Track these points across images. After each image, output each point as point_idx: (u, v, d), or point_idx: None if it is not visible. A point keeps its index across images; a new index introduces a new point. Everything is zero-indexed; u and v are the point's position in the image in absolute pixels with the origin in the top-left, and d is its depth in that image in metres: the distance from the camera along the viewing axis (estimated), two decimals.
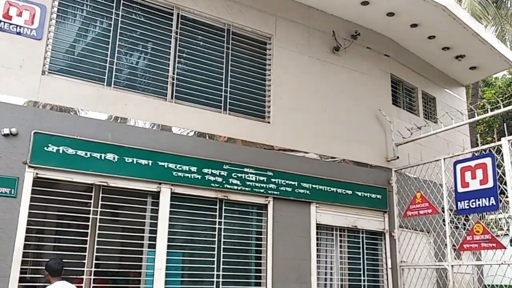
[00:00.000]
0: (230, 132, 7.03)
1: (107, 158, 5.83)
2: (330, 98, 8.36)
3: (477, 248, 7.01)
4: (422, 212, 7.90)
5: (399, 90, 10.07)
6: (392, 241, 8.33)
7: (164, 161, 6.23)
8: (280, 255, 6.94)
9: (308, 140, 7.82)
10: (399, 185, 8.60)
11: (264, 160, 7.15)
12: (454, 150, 8.36)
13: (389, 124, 8.92)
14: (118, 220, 5.93)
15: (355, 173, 8.19)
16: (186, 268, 6.42)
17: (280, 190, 7.16)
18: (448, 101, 11.10)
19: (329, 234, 7.81)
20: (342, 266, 7.81)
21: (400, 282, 8.13)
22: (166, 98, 6.65)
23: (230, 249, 6.64)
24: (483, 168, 6.99)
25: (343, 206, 7.85)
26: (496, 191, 6.75)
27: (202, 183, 6.47)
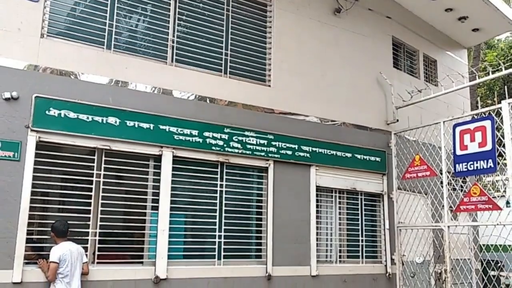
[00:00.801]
0: (231, 96, 7.03)
1: (109, 122, 5.87)
2: (331, 61, 8.31)
3: (473, 209, 7.14)
4: (421, 175, 8.00)
5: (400, 52, 9.99)
6: (390, 203, 8.48)
7: (165, 124, 6.27)
8: (280, 216, 7.08)
9: (308, 103, 7.83)
10: (398, 148, 8.68)
11: (264, 124, 7.19)
12: (454, 113, 8.39)
13: (390, 87, 8.90)
14: (121, 183, 6.01)
15: (355, 136, 8.24)
16: (189, 230, 6.57)
17: (281, 153, 7.23)
18: (449, 64, 11.03)
19: (329, 196, 7.94)
20: (341, 227, 7.98)
21: (397, 242, 8.33)
22: (166, 61, 6.62)
23: (232, 211, 6.78)
24: (482, 131, 7.03)
25: (343, 169, 7.95)
26: (494, 154, 6.82)
27: (203, 147, 6.53)
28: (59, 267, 5.06)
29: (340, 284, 7.55)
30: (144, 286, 5.83)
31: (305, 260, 7.24)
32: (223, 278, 6.44)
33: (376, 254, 8.31)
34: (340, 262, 7.81)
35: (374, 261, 8.20)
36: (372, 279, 7.97)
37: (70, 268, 5.13)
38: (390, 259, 8.23)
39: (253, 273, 6.74)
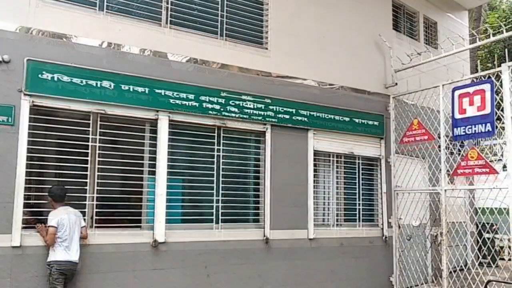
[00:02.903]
0: (227, 59, 6.91)
1: (103, 86, 5.77)
2: (329, 23, 8.15)
3: (470, 173, 7.17)
4: (419, 139, 7.99)
5: (400, 14, 9.80)
6: (387, 167, 8.50)
7: (161, 88, 6.18)
8: (278, 180, 7.09)
9: (306, 67, 7.72)
10: (397, 112, 8.63)
11: (262, 87, 7.10)
12: (453, 76, 8.28)
13: (389, 50, 8.77)
14: (117, 148, 5.98)
15: (353, 100, 8.17)
16: (187, 194, 6.59)
17: (278, 117, 7.17)
18: (449, 26, 10.84)
19: (326, 160, 7.94)
20: (338, 191, 8.02)
21: (394, 206, 8.40)
22: (160, 23, 6.46)
23: (229, 175, 6.78)
24: (481, 94, 6.98)
25: (340, 133, 7.92)
26: (493, 118, 6.79)
27: (199, 111, 6.47)
28: (58, 231, 5.09)
29: (337, 247, 7.65)
30: (142, 249, 5.89)
31: (302, 223, 7.31)
32: (221, 241, 6.50)
33: (373, 218, 8.39)
34: (337, 226, 7.88)
35: (371, 225, 8.29)
36: (369, 242, 8.08)
37: (69, 232, 5.16)
38: (387, 222, 8.31)
39: (251, 236, 6.80)
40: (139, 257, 5.86)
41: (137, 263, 5.84)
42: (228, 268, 6.52)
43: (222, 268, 6.47)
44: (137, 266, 5.83)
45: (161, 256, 6.01)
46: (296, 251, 7.18)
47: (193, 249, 6.27)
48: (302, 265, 7.22)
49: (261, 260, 6.83)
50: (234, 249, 6.60)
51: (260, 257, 6.83)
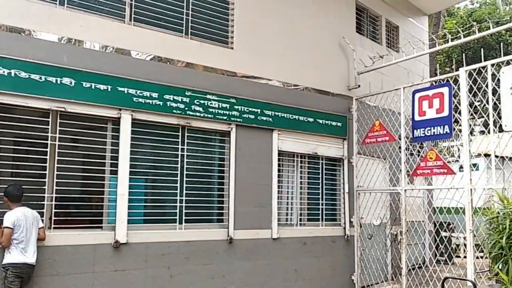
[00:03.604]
0: (192, 58, 6.86)
1: (64, 83, 5.61)
2: (295, 24, 8.21)
3: (429, 173, 7.38)
4: (380, 140, 8.17)
5: (363, 18, 9.99)
6: (350, 167, 8.64)
7: (123, 86, 6.06)
8: (242, 180, 7.09)
9: (271, 67, 7.76)
10: (359, 113, 8.79)
11: (227, 87, 7.08)
12: (414, 79, 8.52)
13: (352, 52, 8.92)
14: (78, 147, 5.83)
15: (317, 101, 8.26)
16: (149, 194, 6.49)
17: (243, 117, 7.17)
18: (410, 30, 11.14)
19: (290, 160, 8.00)
20: (302, 191, 8.09)
21: (356, 205, 8.55)
22: (124, 20, 6.35)
23: (193, 175, 6.72)
24: (440, 97, 7.19)
25: (305, 133, 7.99)
26: (450, 120, 7.01)
27: (163, 110, 6.39)
28: (14, 232, 4.91)
29: (300, 246, 7.72)
30: (103, 250, 5.76)
31: (266, 223, 7.34)
32: (185, 242, 6.44)
33: (335, 217, 8.51)
34: (301, 225, 7.96)
35: (333, 224, 8.40)
36: (331, 241, 8.19)
37: (25, 234, 4.99)
38: (349, 221, 8.45)
39: (215, 236, 6.77)
40: (99, 259, 5.72)
41: (98, 265, 5.70)
42: (192, 268, 6.47)
43: (185, 269, 6.41)
44: (97, 268, 5.70)
45: (123, 257, 5.90)
46: (260, 251, 7.20)
47: (156, 250, 6.18)
48: (266, 265, 7.25)
49: (224, 260, 6.81)
50: (198, 250, 6.55)
51: (224, 257, 6.81)
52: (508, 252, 3.93)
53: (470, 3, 24.58)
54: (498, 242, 4.03)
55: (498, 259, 4.07)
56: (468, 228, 6.43)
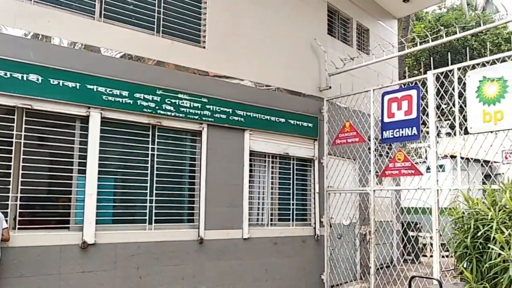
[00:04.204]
0: (163, 56, 6.78)
1: (30, 79, 5.46)
2: (267, 25, 8.23)
3: (397, 174, 7.51)
4: (350, 141, 8.27)
5: (335, 20, 10.10)
6: (320, 168, 8.72)
7: (93, 84, 5.95)
8: (213, 180, 7.06)
9: (243, 67, 7.75)
10: (330, 114, 8.88)
11: (198, 86, 7.04)
12: (383, 81, 8.66)
13: (324, 54, 9.01)
14: (45, 145, 5.68)
15: (288, 101, 8.30)
16: (119, 194, 6.38)
17: (215, 117, 7.14)
18: (380, 33, 11.33)
19: (262, 160, 8.02)
20: (273, 191, 8.12)
21: (326, 205, 8.63)
22: (94, 16, 6.22)
23: (164, 175, 6.65)
24: (408, 99, 7.34)
25: (276, 134, 8.02)
26: (418, 122, 7.16)
27: (134, 108, 6.29)
28: None
29: (270, 246, 7.74)
30: (70, 251, 5.63)
31: (237, 223, 7.33)
32: (155, 242, 6.37)
33: (306, 217, 8.57)
34: (272, 225, 7.98)
35: (304, 224, 8.46)
36: (302, 241, 8.24)
37: None
38: (319, 221, 8.52)
39: (185, 237, 6.72)
40: (66, 260, 5.59)
41: (65, 266, 5.57)
42: (162, 269, 6.40)
43: (155, 270, 6.34)
44: (64, 269, 5.56)
45: (91, 258, 5.79)
46: (230, 251, 7.18)
47: (125, 250, 6.08)
48: (237, 265, 7.24)
49: (195, 260, 6.76)
50: (168, 250, 6.48)
51: (194, 257, 6.77)
52: (473, 251, 4.04)
53: (438, 8, 25.20)
54: (463, 242, 4.13)
55: (463, 258, 4.17)
56: (435, 227, 6.58)
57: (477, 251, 4.02)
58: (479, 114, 6.26)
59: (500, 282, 3.67)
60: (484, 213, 4.08)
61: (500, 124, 6.04)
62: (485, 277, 3.90)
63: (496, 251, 3.69)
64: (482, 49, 20.18)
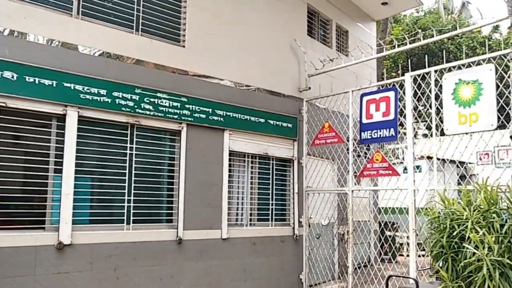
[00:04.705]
0: (142, 55, 6.72)
1: (5, 77, 5.34)
2: (248, 25, 8.23)
3: (375, 175, 7.60)
4: (329, 141, 8.33)
5: (314, 21, 10.16)
6: (299, 168, 8.76)
7: (70, 82, 5.85)
8: (192, 180, 7.02)
9: (223, 67, 7.73)
10: (309, 115, 8.93)
11: (178, 85, 6.99)
12: (362, 83, 8.74)
13: (303, 54, 9.05)
14: (20, 144, 5.56)
15: (268, 101, 8.32)
16: (96, 193, 6.29)
17: (194, 116, 7.11)
18: (359, 35, 11.44)
19: (241, 160, 8.01)
20: (252, 192, 8.12)
21: (305, 205, 8.68)
22: (71, 13, 6.12)
23: (142, 175, 6.59)
24: (386, 101, 7.43)
25: (256, 134, 8.02)
26: (396, 123, 7.25)
27: (112, 107, 6.22)
28: None
29: (249, 246, 7.74)
30: (46, 252, 5.52)
31: (216, 223, 7.30)
32: (132, 242, 6.30)
33: (285, 217, 8.59)
34: (251, 225, 7.98)
35: (282, 224, 8.48)
36: (280, 241, 8.26)
37: None
38: (297, 221, 8.56)
39: (164, 237, 6.66)
40: (41, 261, 5.48)
41: (40, 267, 5.46)
42: (139, 269, 6.34)
43: (133, 270, 6.27)
44: (39, 271, 5.45)
45: (67, 259, 5.69)
46: (209, 251, 7.15)
47: (102, 251, 6.00)
48: (215, 265, 7.21)
49: (173, 261, 6.71)
50: (146, 250, 6.42)
51: (173, 257, 6.72)
52: (448, 251, 4.11)
53: (416, 11, 25.60)
54: (439, 241, 4.20)
55: (439, 257, 4.24)
56: (411, 227, 6.68)
57: (453, 251, 4.09)
58: (455, 116, 6.37)
59: (475, 280, 3.74)
60: (460, 213, 4.15)
61: (475, 126, 6.16)
62: (460, 275, 3.97)
63: (470, 250, 3.76)
64: (458, 52, 20.59)
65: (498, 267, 3.63)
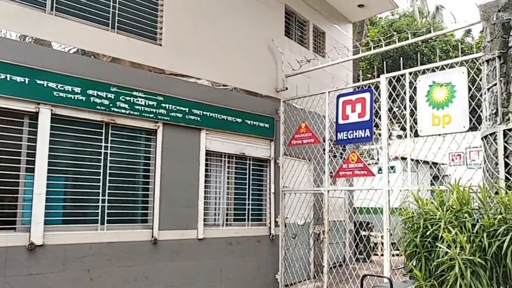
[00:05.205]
0: (118, 52, 6.62)
1: None
2: (225, 25, 8.21)
3: (351, 175, 7.68)
4: (306, 142, 8.38)
5: (292, 22, 10.20)
6: (276, 168, 8.78)
7: (43, 79, 5.73)
8: (168, 180, 6.96)
9: (200, 66, 7.69)
10: (286, 115, 8.96)
11: (154, 84, 6.92)
12: (338, 84, 8.83)
13: (281, 55, 9.08)
14: None
15: (245, 101, 8.31)
16: (69, 193, 6.17)
17: (171, 115, 7.05)
18: (336, 37, 11.54)
19: (218, 160, 7.98)
20: (229, 192, 8.10)
21: (281, 205, 8.70)
22: (45, 9, 5.99)
23: (117, 174, 6.50)
24: (362, 102, 7.51)
25: (233, 134, 8.01)
26: (371, 124, 7.34)
27: (86, 105, 6.11)
28: None
29: (225, 246, 7.72)
30: (17, 253, 5.39)
31: (192, 223, 7.25)
32: (107, 243, 6.20)
33: (261, 217, 8.60)
34: (227, 225, 7.95)
35: (259, 224, 8.49)
36: (257, 241, 8.27)
37: None
38: (274, 221, 8.58)
39: (139, 237, 6.58)
40: (12, 262, 5.34)
41: (10, 269, 5.32)
42: (114, 270, 6.24)
43: (106, 271, 6.17)
44: (9, 272, 5.32)
45: (39, 260, 5.56)
46: (185, 252, 7.10)
47: (75, 252, 5.89)
48: (191, 266, 7.17)
49: (148, 261, 6.64)
50: (120, 251, 6.33)
51: (148, 258, 6.65)
52: (422, 250, 4.17)
53: (391, 14, 25.98)
54: (413, 241, 4.26)
55: (413, 256, 4.30)
56: (386, 227, 6.77)
57: (426, 250, 4.16)
58: (429, 117, 6.49)
59: (447, 279, 3.81)
60: (433, 213, 4.21)
61: (448, 127, 6.29)
62: (433, 274, 4.04)
63: (443, 250, 3.83)
64: (432, 55, 20.98)
65: (469, 266, 3.71)
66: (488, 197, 4.31)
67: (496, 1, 5.12)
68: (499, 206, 3.99)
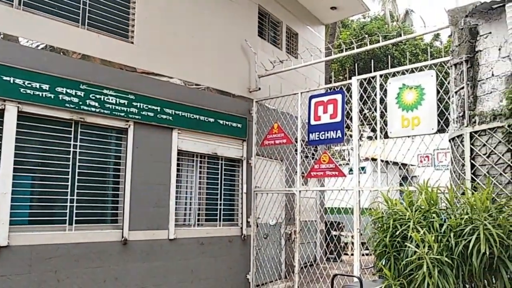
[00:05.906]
0: (88, 49, 6.49)
1: None
2: (198, 24, 8.16)
3: (322, 175, 7.75)
4: (278, 142, 8.41)
5: (265, 22, 10.22)
6: (248, 168, 8.78)
7: (9, 75, 5.56)
8: (139, 180, 6.87)
9: (173, 65, 7.62)
10: (259, 116, 8.98)
11: (125, 82, 6.82)
12: (310, 85, 8.89)
13: (254, 55, 9.08)
14: None
15: (218, 101, 8.28)
16: (36, 193, 6.01)
17: (142, 114, 6.95)
18: (309, 38, 11.63)
19: (190, 160, 7.92)
20: (201, 191, 8.05)
21: (253, 205, 8.71)
22: (12, 3, 5.82)
23: (86, 173, 6.36)
24: (334, 103, 7.59)
25: (205, 133, 7.96)
26: (343, 125, 7.43)
27: (55, 103, 5.97)
28: None
29: (197, 246, 7.67)
30: None
31: (163, 224, 7.18)
32: (75, 243, 6.07)
33: (233, 217, 8.58)
34: (198, 226, 7.91)
35: (231, 224, 8.47)
36: (228, 241, 8.25)
37: None
38: (246, 221, 8.57)
39: (108, 237, 6.47)
40: None
41: None
42: (82, 271, 6.11)
43: (75, 272, 6.04)
44: None
45: (3, 262, 5.39)
46: (155, 252, 7.02)
47: (42, 253, 5.74)
48: (162, 266, 7.09)
49: (118, 262, 6.53)
50: (89, 252, 6.21)
51: (118, 259, 6.54)
52: (391, 250, 4.23)
53: (363, 17, 26.35)
54: (383, 240, 4.32)
55: (382, 256, 4.36)
56: (356, 227, 6.86)
57: (395, 249, 4.22)
58: (398, 119, 6.61)
59: (415, 278, 3.88)
60: (402, 213, 4.29)
61: (417, 129, 6.41)
62: (402, 274, 4.10)
63: (412, 249, 3.90)
64: (402, 58, 21.38)
65: (437, 265, 3.79)
66: (455, 197, 4.41)
67: (464, 7, 5.26)
68: (466, 206, 4.09)
